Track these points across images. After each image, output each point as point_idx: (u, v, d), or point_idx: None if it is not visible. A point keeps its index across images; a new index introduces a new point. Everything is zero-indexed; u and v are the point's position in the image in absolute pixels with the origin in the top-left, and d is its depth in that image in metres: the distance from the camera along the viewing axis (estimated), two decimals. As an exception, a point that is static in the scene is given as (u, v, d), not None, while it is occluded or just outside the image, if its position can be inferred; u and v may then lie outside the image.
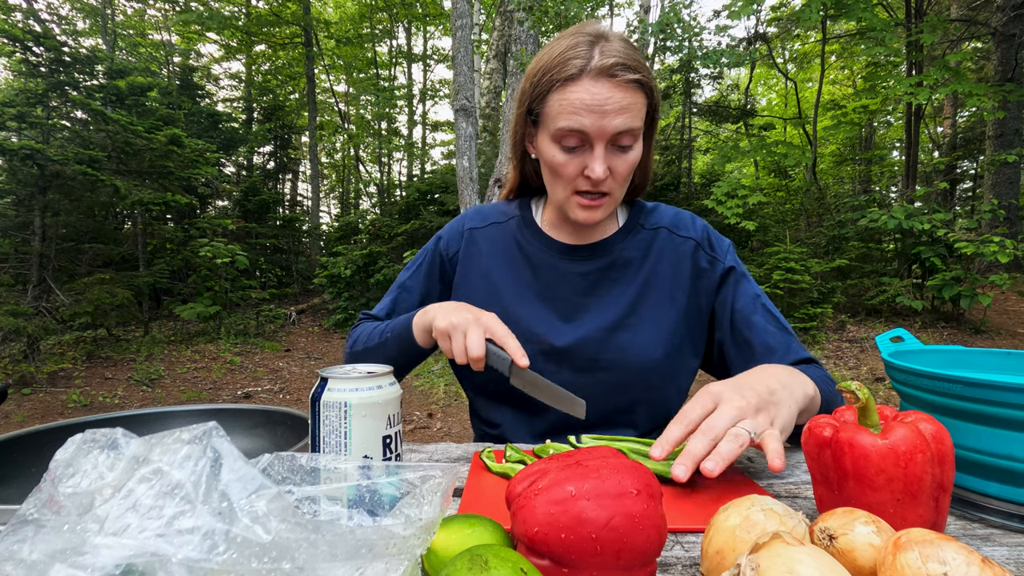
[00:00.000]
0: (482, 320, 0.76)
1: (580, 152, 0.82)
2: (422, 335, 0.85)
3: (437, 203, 8.70)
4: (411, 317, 0.88)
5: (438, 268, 1.01)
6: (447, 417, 4.45)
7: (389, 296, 1.03)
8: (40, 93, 5.92)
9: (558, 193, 0.87)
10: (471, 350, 0.73)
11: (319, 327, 8.05)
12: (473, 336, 0.74)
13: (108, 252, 7.28)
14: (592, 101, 0.77)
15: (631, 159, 0.83)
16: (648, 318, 0.91)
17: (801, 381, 0.71)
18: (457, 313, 0.78)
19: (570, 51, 0.79)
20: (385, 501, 0.39)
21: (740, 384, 0.65)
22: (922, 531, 0.35)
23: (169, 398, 5.15)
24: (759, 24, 9.50)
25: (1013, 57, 6.61)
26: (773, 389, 0.66)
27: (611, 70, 0.77)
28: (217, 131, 10.19)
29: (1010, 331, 5.84)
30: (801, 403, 0.68)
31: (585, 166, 0.82)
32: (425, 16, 13.49)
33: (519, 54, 5.72)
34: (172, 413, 0.80)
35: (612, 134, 0.79)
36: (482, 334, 0.74)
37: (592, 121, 0.78)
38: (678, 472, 0.57)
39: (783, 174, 9.77)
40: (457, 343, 0.75)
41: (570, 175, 0.83)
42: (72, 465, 0.31)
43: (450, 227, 1.04)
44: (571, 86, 0.78)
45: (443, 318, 0.78)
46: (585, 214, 0.86)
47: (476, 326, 0.75)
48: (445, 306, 0.83)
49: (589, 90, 0.77)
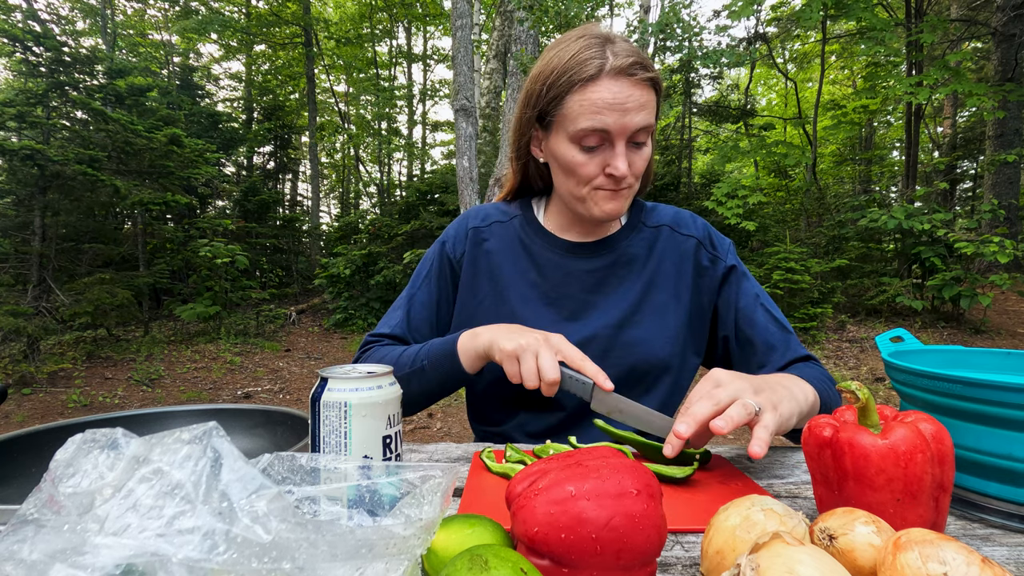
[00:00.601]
0: (552, 341, 0.73)
1: (600, 151, 0.82)
2: (472, 361, 0.81)
3: (437, 203, 8.70)
4: (452, 342, 0.83)
5: (448, 273, 0.98)
6: (447, 417, 4.45)
7: (400, 312, 0.97)
8: (40, 93, 5.92)
9: (575, 191, 0.86)
10: (546, 373, 0.69)
11: (319, 327, 8.05)
12: (546, 359, 0.70)
13: (108, 252, 7.28)
14: (614, 100, 0.78)
15: (646, 155, 0.84)
16: (654, 315, 0.91)
17: (802, 387, 0.71)
18: (523, 334, 0.74)
19: (584, 52, 0.80)
20: (385, 501, 0.39)
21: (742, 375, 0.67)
22: (922, 531, 0.35)
23: (169, 398, 5.15)
24: (759, 24, 9.50)
25: (1013, 57, 6.61)
26: (774, 386, 0.67)
27: (629, 69, 0.78)
28: (217, 131, 10.19)
29: (1010, 331, 5.84)
30: (803, 406, 0.68)
31: (606, 164, 0.82)
32: (425, 16, 13.49)
33: (519, 54, 5.72)
34: (172, 413, 0.80)
35: (633, 131, 0.80)
36: (554, 356, 0.71)
37: (615, 119, 0.78)
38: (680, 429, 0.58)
39: (783, 174, 9.77)
40: (528, 366, 0.71)
41: (590, 174, 0.83)
42: (72, 465, 0.31)
43: (453, 229, 1.01)
44: (591, 86, 0.79)
45: (509, 340, 0.74)
46: (612, 204, 0.85)
47: (547, 347, 0.72)
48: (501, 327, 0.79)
49: (610, 89, 0.78)
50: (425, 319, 0.97)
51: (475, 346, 0.80)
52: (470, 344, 0.80)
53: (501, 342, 0.75)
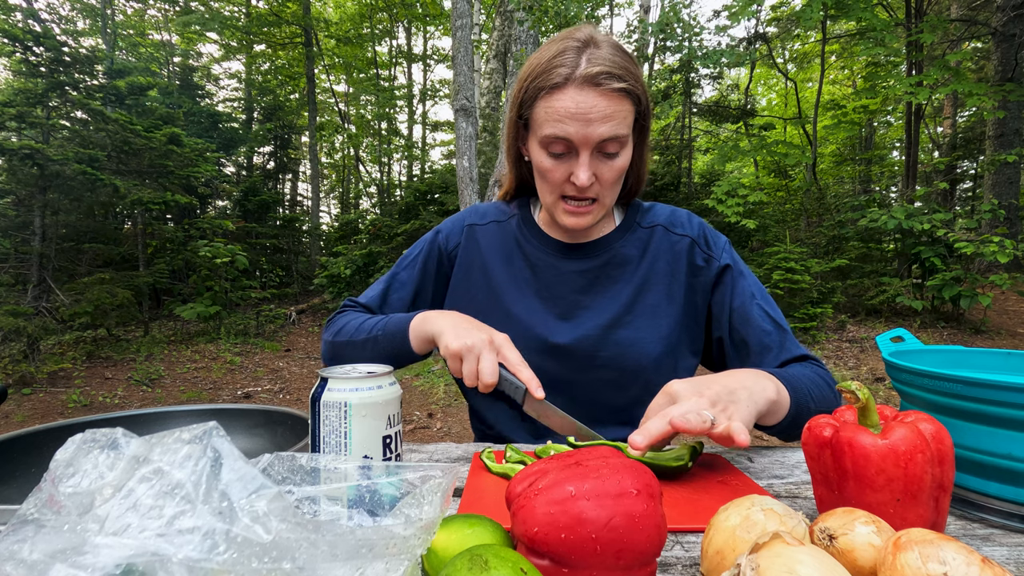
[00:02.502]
0: (495, 342, 0.74)
1: (567, 158, 0.82)
2: (420, 343, 0.83)
3: (437, 203, 8.71)
4: (407, 320, 0.85)
5: (435, 262, 1.00)
6: (447, 417, 4.45)
7: (380, 286, 1.01)
8: (40, 93, 5.92)
9: (546, 197, 0.88)
10: (484, 376, 0.71)
11: (319, 327, 8.05)
12: (486, 362, 0.72)
13: (108, 252, 7.29)
14: (576, 109, 0.77)
15: (618, 166, 0.83)
16: (646, 316, 0.91)
17: (763, 385, 0.70)
18: (469, 334, 0.75)
19: (557, 58, 0.79)
20: (385, 501, 0.39)
21: (699, 384, 0.66)
22: (922, 531, 0.35)
23: (169, 398, 5.15)
24: (759, 24, 9.50)
25: (1013, 57, 6.61)
26: (732, 389, 0.66)
27: (596, 79, 0.77)
28: (217, 131, 10.19)
29: (1010, 331, 5.84)
30: (761, 406, 0.67)
31: (571, 172, 0.82)
32: (425, 16, 13.49)
33: (519, 54, 5.72)
34: (172, 413, 0.80)
35: (597, 141, 0.79)
36: (495, 359, 0.73)
37: (577, 129, 0.78)
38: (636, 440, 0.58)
39: (783, 174, 9.77)
40: (469, 367, 0.73)
41: (557, 180, 0.84)
42: (72, 465, 0.31)
43: (450, 222, 1.03)
44: (556, 94, 0.79)
45: (456, 338, 0.75)
46: (572, 220, 0.86)
47: (489, 350, 0.73)
48: (452, 319, 0.80)
49: (574, 98, 0.78)
50: (401, 299, 0.99)
51: (424, 330, 0.82)
52: (420, 327, 0.83)
53: (447, 338, 0.76)
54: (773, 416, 0.72)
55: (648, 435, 0.58)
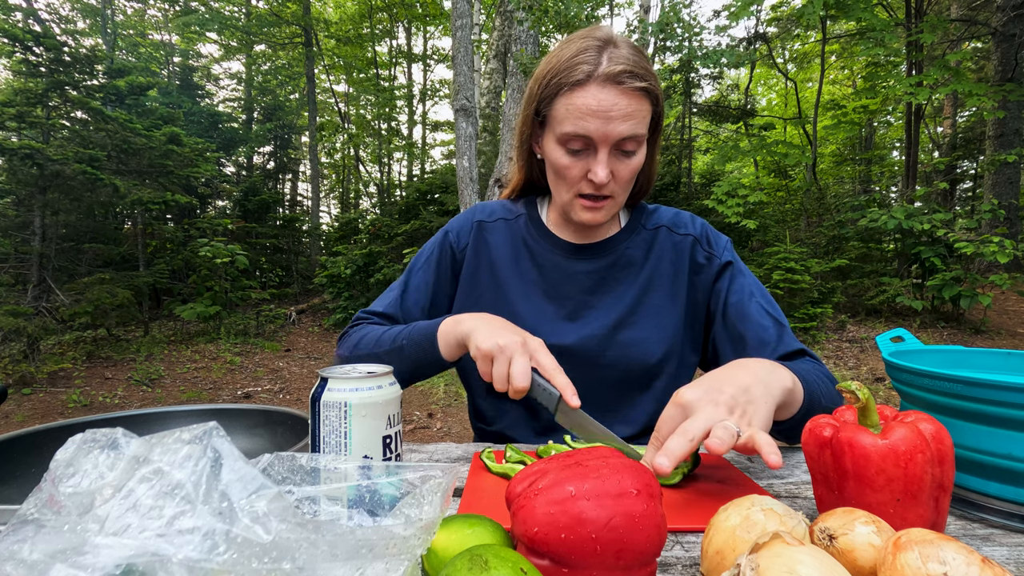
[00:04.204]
0: (529, 345, 0.70)
1: (584, 155, 0.82)
2: (450, 348, 0.79)
3: (437, 203, 8.70)
4: (435, 326, 0.81)
5: (448, 261, 0.98)
6: (447, 417, 4.45)
7: (393, 293, 0.97)
8: (40, 93, 5.91)
9: (562, 195, 0.88)
10: (515, 380, 0.67)
11: (319, 327, 8.05)
12: (519, 365, 0.67)
13: (108, 252, 7.28)
14: (598, 107, 0.78)
15: (634, 164, 0.83)
16: (650, 316, 0.92)
17: (779, 375, 0.66)
18: (502, 334, 0.71)
19: (579, 56, 0.80)
20: (385, 501, 0.39)
21: (711, 387, 0.61)
22: (922, 531, 0.35)
23: (169, 398, 5.15)
24: (759, 24, 9.50)
25: (1013, 57, 6.61)
26: (747, 386, 0.62)
27: (618, 77, 0.77)
28: (217, 131, 10.19)
29: (1010, 331, 5.84)
30: (778, 398, 0.64)
31: (588, 169, 0.82)
32: (425, 16, 13.49)
33: (519, 54, 5.72)
34: (172, 413, 0.80)
35: (616, 140, 0.79)
36: (528, 363, 0.68)
37: (597, 126, 0.78)
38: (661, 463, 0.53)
39: (783, 174, 9.77)
40: (499, 369, 0.69)
41: (574, 178, 0.84)
42: (72, 465, 0.31)
43: (458, 220, 1.02)
44: (578, 91, 0.79)
45: (487, 338, 0.71)
46: (588, 215, 0.86)
47: (522, 353, 0.69)
48: (483, 319, 0.77)
49: (596, 96, 0.78)
50: (417, 303, 0.96)
51: (455, 333, 0.78)
52: (451, 330, 0.79)
53: (478, 338, 0.72)
54: (788, 408, 0.68)
55: (673, 457, 0.54)
